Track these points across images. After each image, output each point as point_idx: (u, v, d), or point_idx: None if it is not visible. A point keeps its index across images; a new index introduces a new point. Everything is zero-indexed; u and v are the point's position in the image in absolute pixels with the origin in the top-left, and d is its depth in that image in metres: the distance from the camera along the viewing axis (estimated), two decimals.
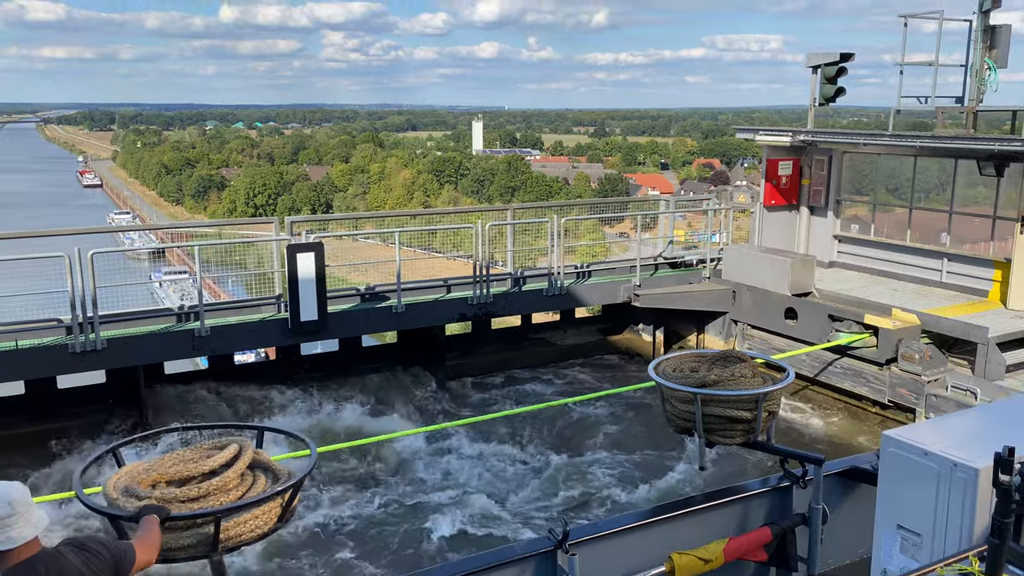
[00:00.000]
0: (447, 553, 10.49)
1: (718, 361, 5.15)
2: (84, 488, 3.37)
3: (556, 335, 17.33)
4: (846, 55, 15.72)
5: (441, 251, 21.05)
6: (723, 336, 16.90)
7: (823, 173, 17.76)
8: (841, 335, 14.30)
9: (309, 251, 12.82)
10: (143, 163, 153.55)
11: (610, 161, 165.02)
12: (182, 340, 12.67)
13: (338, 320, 13.56)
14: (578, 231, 21.92)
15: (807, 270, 15.60)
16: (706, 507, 4.98)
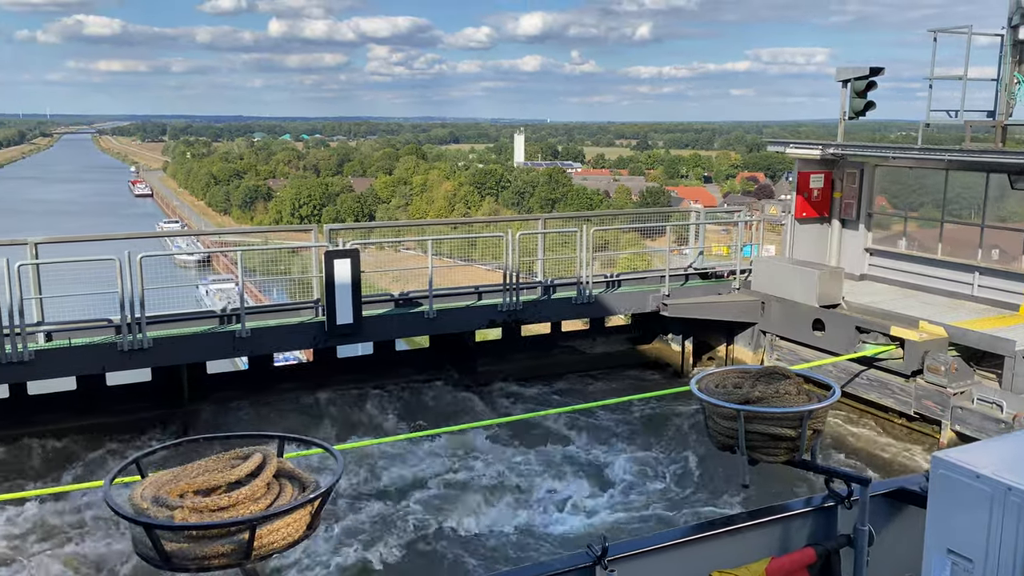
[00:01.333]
0: (482, 567, 10.50)
1: (762, 377, 5.01)
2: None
3: (585, 343, 17.62)
4: (876, 69, 15.86)
5: (474, 261, 21.49)
6: (752, 347, 17.06)
7: (855, 186, 17.85)
8: (867, 346, 14.40)
9: (346, 257, 13.35)
10: (192, 173, 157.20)
11: (652, 174, 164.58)
12: (223, 341, 13.27)
13: (372, 324, 14.05)
14: (619, 243, 22.15)
15: (835, 282, 15.70)
16: (748, 525, 4.85)
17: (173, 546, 3.09)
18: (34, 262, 12.07)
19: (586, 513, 11.91)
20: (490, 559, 10.69)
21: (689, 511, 11.79)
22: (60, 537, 10.76)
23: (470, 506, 11.90)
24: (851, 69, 16.04)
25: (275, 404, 14.23)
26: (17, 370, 11.94)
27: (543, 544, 11.05)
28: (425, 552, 10.85)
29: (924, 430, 13.92)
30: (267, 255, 18.09)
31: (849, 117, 16.48)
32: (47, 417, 13.05)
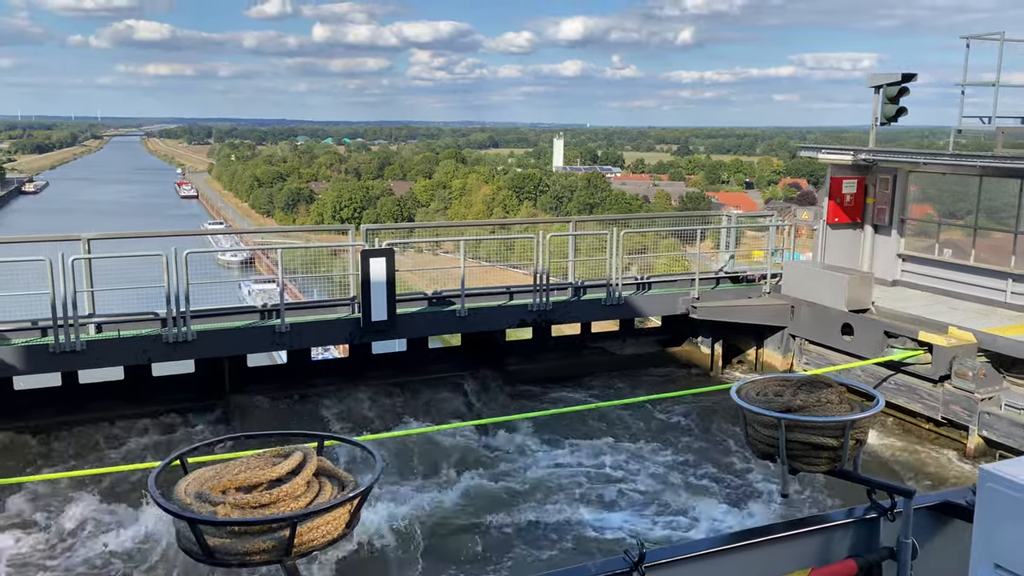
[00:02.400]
0: (515, 569, 10.53)
1: (804, 386, 4.90)
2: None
3: (615, 344, 17.87)
4: (908, 75, 15.90)
5: (511, 264, 21.85)
6: (781, 351, 17.17)
7: (887, 192, 17.88)
8: (895, 351, 14.47)
9: (381, 256, 13.80)
10: (237, 176, 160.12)
11: (692, 179, 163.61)
12: (264, 335, 13.81)
13: (406, 321, 14.49)
14: (657, 248, 22.28)
15: (864, 287, 15.77)
16: (788, 535, 4.73)
17: (216, 541, 3.14)
18: (86, 256, 12.70)
19: (622, 517, 11.90)
20: (523, 561, 10.72)
21: (727, 519, 11.75)
22: (105, 520, 11.27)
23: (502, 506, 11.97)
24: (883, 75, 16.11)
25: (312, 397, 14.72)
26: (69, 359, 12.58)
27: (578, 546, 11.05)
28: (456, 552, 10.90)
29: (951, 435, 13.94)
30: (308, 257, 18.72)
31: (881, 123, 16.52)
32: (96, 405, 13.70)
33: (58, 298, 12.23)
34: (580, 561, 9.99)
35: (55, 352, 12.40)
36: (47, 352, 12.42)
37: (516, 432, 14.26)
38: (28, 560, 10.38)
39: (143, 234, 15.32)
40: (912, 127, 77.56)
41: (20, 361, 12.40)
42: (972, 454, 13.47)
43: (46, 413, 13.40)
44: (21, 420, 13.20)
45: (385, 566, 10.56)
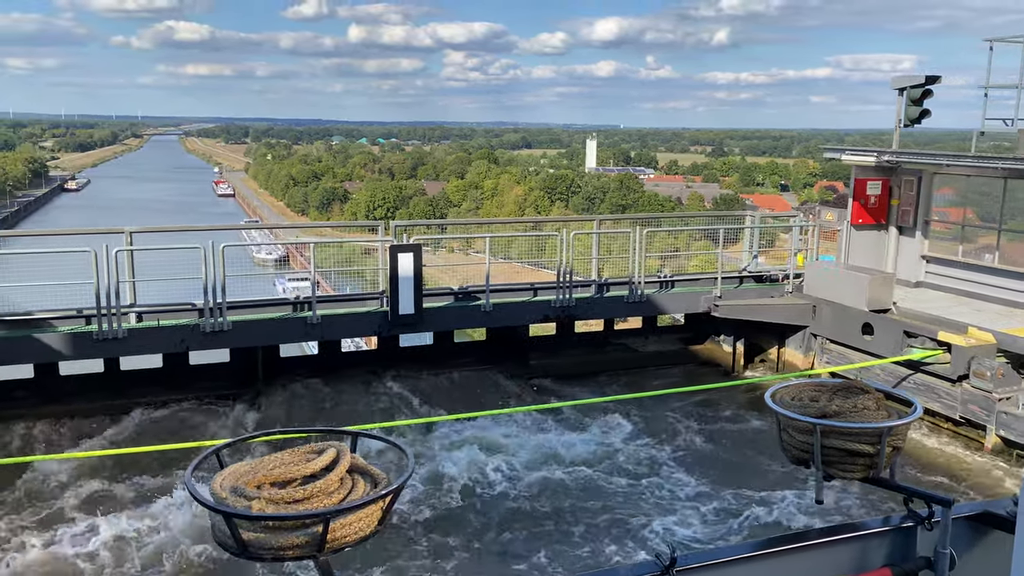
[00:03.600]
0: (545, 569, 10.48)
1: (840, 391, 4.83)
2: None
3: (638, 342, 18.16)
4: (931, 78, 16.02)
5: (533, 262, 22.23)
6: (803, 350, 17.35)
7: (912, 193, 17.97)
8: (914, 351, 14.61)
9: (409, 251, 14.28)
10: (273, 175, 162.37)
11: (727, 181, 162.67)
12: (296, 326, 14.36)
13: (433, 315, 14.95)
14: (689, 247, 22.55)
15: (885, 287, 15.92)
16: (822, 542, 4.67)
17: (250, 535, 3.18)
18: (129, 248, 13.32)
19: (651, 518, 11.84)
20: (550, 562, 10.66)
21: (760, 524, 11.66)
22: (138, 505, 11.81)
23: (527, 504, 11.98)
24: (907, 77, 16.25)
25: (341, 387, 15.24)
26: (112, 346, 13.22)
27: (608, 548, 11.02)
28: (486, 551, 10.85)
29: (969, 434, 14.06)
30: (341, 255, 19.35)
31: (904, 125, 16.64)
32: (136, 391, 14.33)
33: (102, 288, 12.85)
34: (610, 564, 10.32)
35: (98, 339, 13.04)
36: (91, 339, 13.06)
37: (539, 428, 14.51)
38: (61, 536, 10.84)
39: (182, 228, 15.96)
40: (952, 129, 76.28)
41: (66, 347, 13.05)
42: (989, 453, 13.59)
43: (89, 398, 14.05)
44: (65, 404, 13.87)
45: (408, 564, 10.55)
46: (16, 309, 13.39)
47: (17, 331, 13.00)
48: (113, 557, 10.47)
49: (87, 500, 11.74)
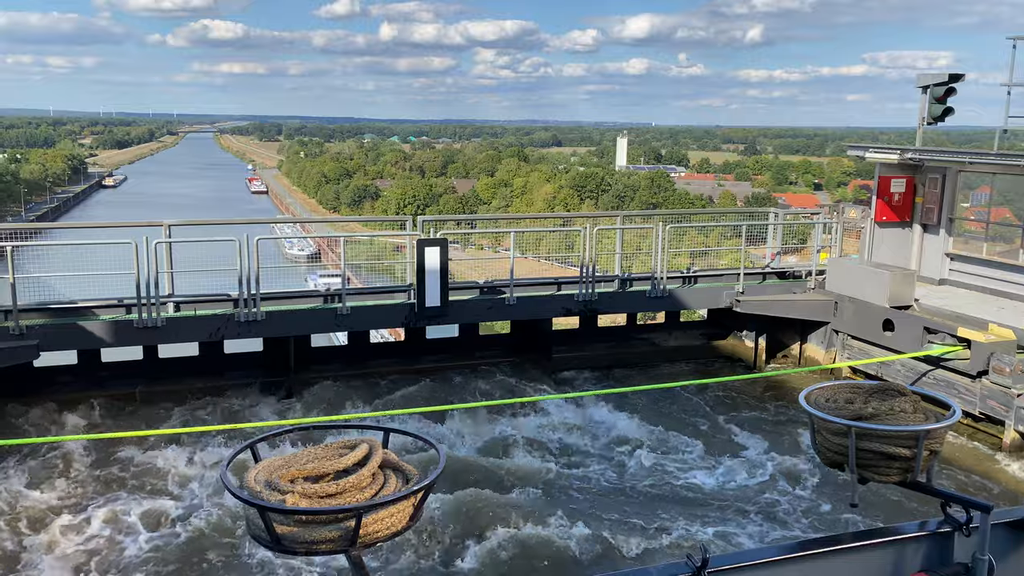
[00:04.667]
0: (573, 569, 10.40)
1: (876, 393, 4.73)
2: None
3: (660, 336, 18.43)
4: (955, 76, 16.10)
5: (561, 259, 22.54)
6: (824, 345, 17.50)
7: (936, 191, 18.02)
8: (934, 346, 14.74)
9: (435, 246, 14.70)
10: (305, 172, 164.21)
11: (759, 180, 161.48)
12: (326, 317, 14.86)
13: (458, 308, 15.37)
14: (720, 245, 22.71)
15: (906, 284, 16.03)
16: (857, 546, 4.57)
17: (284, 529, 3.21)
18: (167, 241, 13.89)
19: (682, 518, 11.71)
20: (578, 561, 10.58)
21: (793, 527, 11.51)
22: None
23: (554, 501, 11.93)
24: (930, 75, 16.33)
25: (369, 377, 15.71)
26: (151, 334, 13.81)
27: (639, 547, 10.93)
28: (511, 548, 10.73)
29: (988, 430, 14.17)
30: (372, 252, 19.88)
31: (928, 123, 16.73)
32: (173, 378, 14.91)
33: (142, 279, 13.43)
34: (639, 563, 10.38)
35: (139, 328, 13.62)
36: (132, 327, 13.65)
37: (563, 422, 14.69)
38: (91, 518, 11.18)
39: (218, 221, 16.51)
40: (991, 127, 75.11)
41: (108, 334, 13.65)
42: (1008, 449, 13.70)
43: (129, 383, 14.66)
44: (106, 389, 14.49)
45: (434, 558, 10.54)
46: (61, 298, 14.01)
47: (62, 319, 13.62)
48: (145, 543, 10.69)
49: (120, 483, 12.13)
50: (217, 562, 10.40)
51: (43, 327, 13.26)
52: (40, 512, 11.25)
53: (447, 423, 14.38)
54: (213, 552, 10.55)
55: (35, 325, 13.21)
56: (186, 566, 10.29)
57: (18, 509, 11.27)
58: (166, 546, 10.62)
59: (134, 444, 13.04)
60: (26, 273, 13.37)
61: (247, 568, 10.25)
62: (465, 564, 10.41)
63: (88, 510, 11.37)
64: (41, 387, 14.30)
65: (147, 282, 13.49)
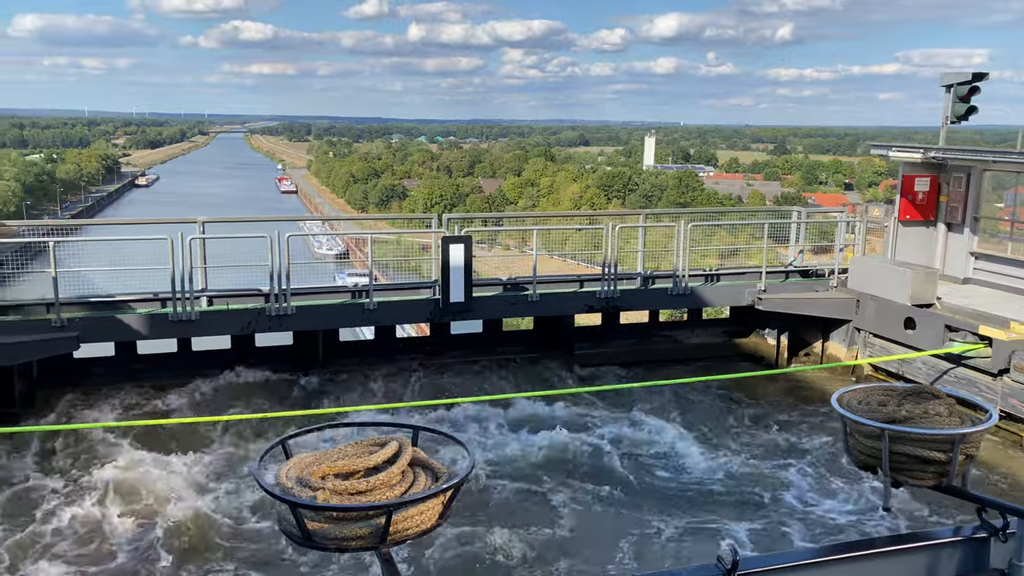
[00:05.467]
0: (604, 566, 10.36)
1: (909, 396, 4.69)
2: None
3: (683, 334, 18.60)
4: (979, 75, 16.12)
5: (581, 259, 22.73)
6: (846, 343, 17.58)
7: (960, 190, 18.02)
8: (955, 344, 14.79)
9: (460, 243, 15.03)
10: (334, 172, 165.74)
11: (789, 179, 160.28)
12: (354, 312, 15.26)
13: (481, 304, 15.69)
14: (750, 250, 22.71)
15: (928, 282, 16.07)
16: (889, 551, 4.49)
17: (315, 525, 3.25)
18: (201, 237, 14.35)
19: (714, 520, 11.64)
20: (610, 558, 10.56)
21: (824, 530, 11.36)
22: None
23: (590, 503, 11.85)
24: (954, 74, 16.37)
25: (396, 370, 16.09)
26: (185, 327, 14.28)
27: (667, 548, 10.87)
28: (537, 547, 10.69)
29: (1010, 428, 14.20)
30: (398, 252, 20.32)
31: (951, 121, 16.77)
32: (206, 370, 15.38)
33: (177, 273, 13.90)
34: (669, 565, 10.36)
35: (173, 321, 14.10)
36: (166, 321, 14.13)
37: (586, 420, 14.70)
38: (122, 510, 11.44)
39: (250, 219, 16.97)
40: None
41: (144, 327, 14.14)
42: None
43: (164, 375, 15.16)
44: (142, 380, 14.99)
45: (460, 561, 10.47)
46: (100, 292, 14.53)
47: (101, 312, 14.13)
48: (174, 535, 10.83)
49: (151, 475, 12.28)
50: (247, 556, 10.48)
51: (83, 320, 13.78)
52: (67, 497, 11.59)
53: (474, 419, 14.50)
54: (241, 545, 10.64)
55: (75, 318, 13.73)
56: (215, 560, 10.41)
57: (40, 494, 11.62)
58: (195, 539, 10.77)
59: (164, 435, 13.40)
60: (66, 268, 13.89)
61: (277, 563, 10.30)
62: (492, 563, 10.45)
63: (118, 498, 11.60)
64: (79, 378, 14.83)
65: (182, 277, 13.96)
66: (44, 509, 11.30)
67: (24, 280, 15.22)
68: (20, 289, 15.07)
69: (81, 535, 10.81)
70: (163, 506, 11.45)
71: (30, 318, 13.68)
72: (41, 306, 13.85)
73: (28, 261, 15.00)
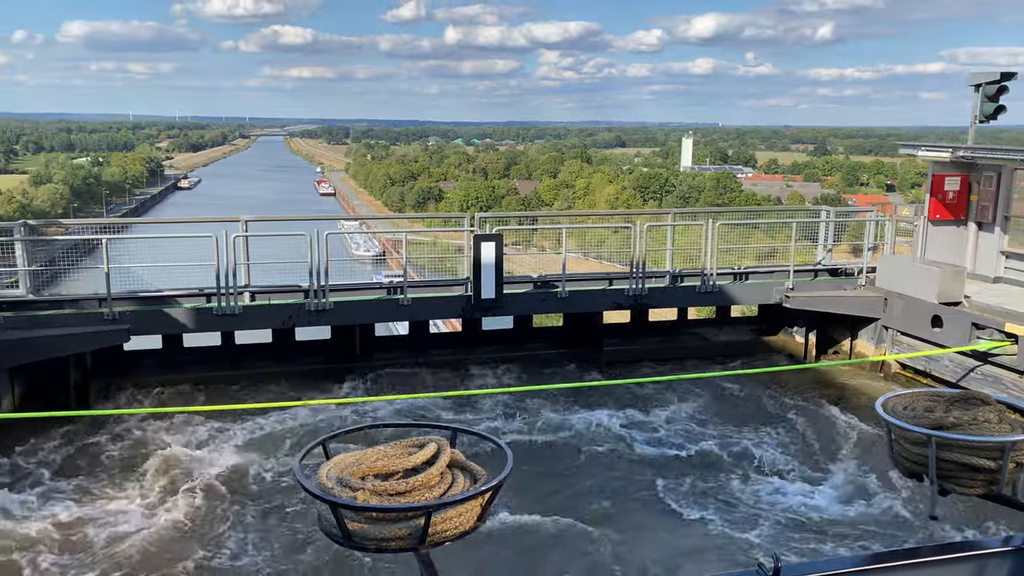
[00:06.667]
0: (643, 573, 10.25)
1: (957, 402, 4.61)
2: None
3: (711, 331, 18.87)
4: (1007, 74, 16.19)
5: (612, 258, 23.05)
6: (874, 342, 17.72)
7: (991, 189, 18.07)
8: (981, 342, 14.91)
9: (491, 241, 15.52)
10: (371, 174, 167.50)
11: (829, 181, 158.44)
12: (389, 307, 15.84)
13: (512, 300, 16.16)
14: (781, 249, 22.82)
15: (956, 280, 16.17)
16: (936, 560, 4.33)
17: (355, 526, 3.28)
18: (244, 235, 15.01)
19: (755, 525, 11.42)
20: (650, 566, 10.39)
21: (868, 537, 11.19)
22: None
23: (627, 505, 11.81)
24: (984, 74, 16.46)
25: (429, 364, 16.64)
26: (229, 321, 14.95)
27: (708, 553, 10.72)
28: (579, 555, 10.59)
29: None
30: (435, 252, 20.89)
31: (980, 120, 16.85)
32: (249, 363, 16.07)
33: (221, 269, 14.57)
34: (710, 570, 10.35)
35: (217, 315, 14.77)
36: (211, 315, 14.81)
37: (618, 420, 14.72)
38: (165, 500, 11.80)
39: (291, 218, 17.63)
40: None
41: (190, 321, 14.84)
42: None
43: (208, 368, 15.85)
44: (188, 373, 15.69)
45: (497, 564, 10.45)
46: (148, 288, 15.27)
47: (150, 307, 14.85)
48: (211, 527, 11.06)
49: (195, 468, 12.63)
50: (285, 553, 10.60)
51: (133, 313, 14.51)
52: (107, 486, 12.08)
53: (503, 416, 14.80)
54: (280, 543, 10.78)
55: (126, 312, 14.46)
56: (255, 558, 10.53)
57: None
58: (232, 534, 10.94)
59: (208, 428, 13.93)
60: (118, 264, 14.63)
61: (319, 563, 10.30)
62: (528, 566, 10.46)
63: (157, 487, 11.99)
64: (130, 369, 15.57)
65: (226, 273, 14.62)
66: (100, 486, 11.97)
67: (77, 277, 16.05)
68: (74, 285, 15.91)
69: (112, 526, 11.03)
70: (203, 496, 11.79)
71: (84, 311, 14.43)
72: (94, 300, 14.60)
73: (81, 258, 15.84)
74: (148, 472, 12.43)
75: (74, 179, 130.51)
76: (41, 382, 14.36)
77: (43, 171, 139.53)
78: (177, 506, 11.54)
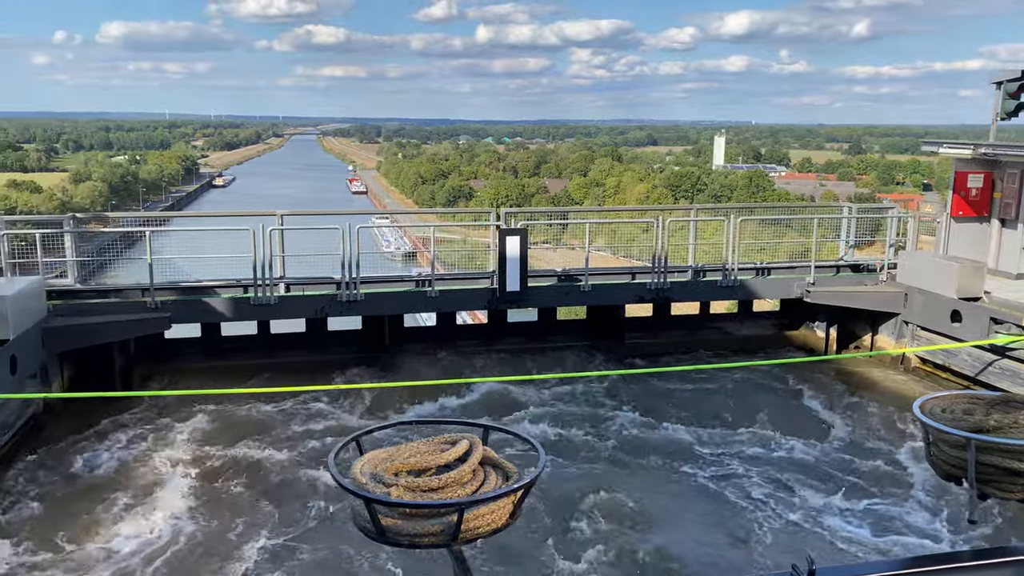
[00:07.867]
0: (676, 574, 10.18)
1: (997, 405, 4.54)
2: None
3: (732, 325, 19.20)
4: None
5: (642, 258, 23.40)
6: (895, 336, 17.94)
7: (1014, 186, 18.18)
8: (999, 336, 15.10)
9: (516, 235, 16.02)
10: (403, 173, 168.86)
11: (863, 180, 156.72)
12: (418, 299, 16.42)
13: (536, 293, 16.66)
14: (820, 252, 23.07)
15: (976, 276, 16.36)
16: (975, 565, 4.26)
17: (389, 521, 3.29)
18: (280, 228, 15.65)
19: (789, 526, 11.32)
20: (682, 566, 10.30)
21: (904, 541, 11.02)
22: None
23: (659, 504, 11.71)
24: (1005, 71, 16.62)
25: (456, 355, 17.18)
26: (265, 311, 15.62)
27: (740, 554, 10.58)
28: (608, 554, 10.44)
29: None
30: (464, 251, 21.47)
31: (1000, 118, 17.00)
32: (283, 351, 16.73)
33: (258, 261, 15.22)
34: (744, 571, 10.28)
35: (254, 305, 15.44)
36: (248, 305, 15.48)
37: (643, 418, 14.69)
38: (208, 461, 12.54)
39: (324, 212, 18.26)
40: None
41: (227, 310, 15.52)
42: None
43: (245, 356, 16.53)
44: (226, 360, 16.38)
45: (528, 561, 10.37)
46: (188, 278, 15.99)
47: (190, 296, 15.56)
48: (249, 516, 11.23)
49: (228, 457, 12.90)
50: (318, 546, 10.66)
51: (174, 303, 15.24)
52: (153, 472, 12.49)
53: (535, 419, 14.69)
54: (312, 537, 10.85)
55: (167, 301, 15.19)
56: (286, 551, 10.58)
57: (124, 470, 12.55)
58: (265, 529, 11.01)
59: (244, 419, 14.38)
60: (159, 255, 15.36)
61: (349, 558, 10.30)
62: (558, 565, 10.30)
63: (191, 476, 12.28)
64: (171, 357, 16.30)
65: (262, 265, 15.28)
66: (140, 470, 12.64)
67: (121, 268, 16.83)
68: (118, 275, 16.69)
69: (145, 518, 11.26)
70: (239, 488, 12.06)
71: (128, 300, 15.17)
72: (137, 290, 15.35)
73: (124, 250, 16.61)
74: (180, 462, 12.74)
75: (112, 177, 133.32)
76: (88, 367, 15.11)
77: (83, 169, 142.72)
78: (211, 494, 11.81)
